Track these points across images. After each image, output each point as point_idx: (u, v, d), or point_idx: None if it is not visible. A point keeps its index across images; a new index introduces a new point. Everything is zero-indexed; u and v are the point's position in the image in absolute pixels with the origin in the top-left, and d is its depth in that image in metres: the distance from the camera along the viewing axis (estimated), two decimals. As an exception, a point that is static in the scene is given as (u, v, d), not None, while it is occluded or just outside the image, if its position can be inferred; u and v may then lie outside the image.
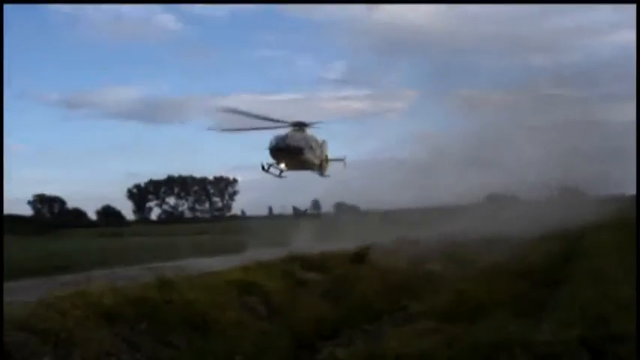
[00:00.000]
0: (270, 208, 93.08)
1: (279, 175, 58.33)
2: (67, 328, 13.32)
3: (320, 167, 61.74)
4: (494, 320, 12.81)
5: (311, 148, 61.47)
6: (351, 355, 10.75)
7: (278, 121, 53.35)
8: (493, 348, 10.43)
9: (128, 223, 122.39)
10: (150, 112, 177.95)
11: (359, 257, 29.57)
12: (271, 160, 59.95)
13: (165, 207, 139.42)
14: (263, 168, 59.39)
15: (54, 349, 12.70)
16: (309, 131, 61.00)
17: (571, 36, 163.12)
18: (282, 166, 53.97)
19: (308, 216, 77.52)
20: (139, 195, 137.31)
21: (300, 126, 58.61)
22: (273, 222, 72.45)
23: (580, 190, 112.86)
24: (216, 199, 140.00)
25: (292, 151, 56.80)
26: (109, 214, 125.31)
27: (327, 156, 71.26)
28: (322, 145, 63.59)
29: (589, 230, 49.00)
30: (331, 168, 61.33)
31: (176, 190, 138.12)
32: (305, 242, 38.68)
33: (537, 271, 25.45)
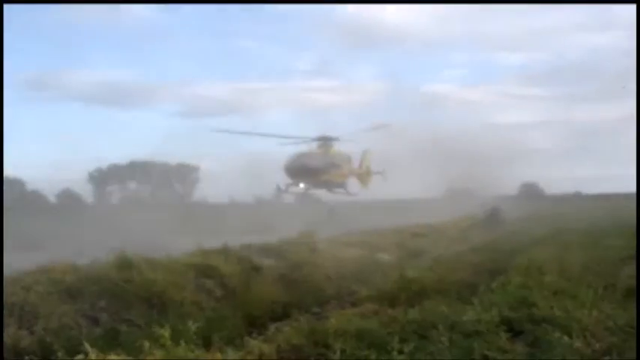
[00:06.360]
0: (232, 197, 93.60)
1: (304, 194, 55.00)
2: (30, 302, 14.24)
3: (347, 185, 57.95)
4: (430, 304, 13.95)
5: (334, 166, 57.64)
6: (295, 331, 11.76)
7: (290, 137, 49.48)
8: (422, 326, 11.56)
9: (87, 208, 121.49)
10: (117, 97, 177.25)
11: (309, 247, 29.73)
12: (288, 180, 56.20)
13: (125, 192, 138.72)
14: (279, 189, 55.56)
15: (18, 321, 13.62)
16: (336, 146, 57.28)
17: (539, 36, 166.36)
18: (302, 185, 50.98)
19: (268, 205, 77.94)
20: (100, 179, 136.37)
21: (325, 141, 54.79)
22: (220, 210, 70.79)
23: (538, 188, 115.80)
24: (177, 185, 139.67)
25: (311, 171, 53.01)
26: (68, 197, 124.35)
27: (368, 167, 68.82)
28: (350, 160, 60.10)
29: (537, 223, 50.91)
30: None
31: (137, 175, 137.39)
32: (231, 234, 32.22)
33: (484, 262, 26.76)
